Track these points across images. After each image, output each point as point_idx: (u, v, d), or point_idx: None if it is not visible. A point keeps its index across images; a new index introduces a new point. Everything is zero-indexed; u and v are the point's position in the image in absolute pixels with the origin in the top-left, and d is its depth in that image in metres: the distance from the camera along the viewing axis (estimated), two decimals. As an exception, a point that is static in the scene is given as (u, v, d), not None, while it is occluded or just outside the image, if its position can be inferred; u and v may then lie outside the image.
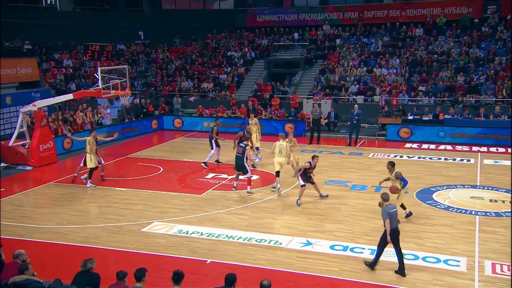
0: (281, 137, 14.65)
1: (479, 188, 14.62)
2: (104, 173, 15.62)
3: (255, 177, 15.45)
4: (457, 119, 21.63)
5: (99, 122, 23.01)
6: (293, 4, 34.27)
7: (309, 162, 13.06)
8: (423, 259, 9.80)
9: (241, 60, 31.25)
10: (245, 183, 14.38)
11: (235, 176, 14.72)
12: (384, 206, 9.28)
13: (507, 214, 12.19)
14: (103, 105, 24.01)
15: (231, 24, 34.24)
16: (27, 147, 17.85)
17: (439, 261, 9.72)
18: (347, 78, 27.16)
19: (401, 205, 11.69)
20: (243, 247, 10.50)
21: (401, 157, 18.59)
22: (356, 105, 21.32)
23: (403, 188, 11.45)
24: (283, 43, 31.14)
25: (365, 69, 27.50)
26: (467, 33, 27.51)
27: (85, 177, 15.14)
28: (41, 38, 30.91)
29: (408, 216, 11.85)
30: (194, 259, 9.93)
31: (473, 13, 28.48)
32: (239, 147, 14.43)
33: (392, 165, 11.73)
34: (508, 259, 9.54)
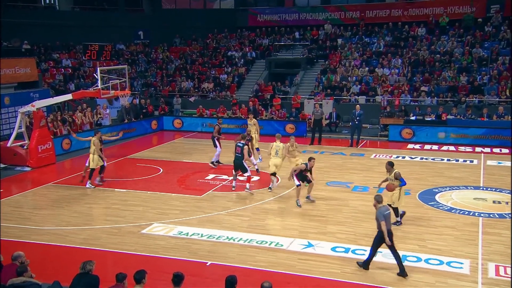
0: (278, 138, 14.75)
1: (482, 189, 14.61)
2: (103, 175, 15.61)
3: (255, 178, 15.46)
4: (460, 120, 21.62)
5: (99, 122, 23.02)
6: (294, 3, 34.26)
7: (305, 163, 13.03)
8: (426, 261, 9.79)
9: (242, 60, 31.25)
10: (244, 184, 14.46)
11: (233, 176, 14.80)
12: (378, 208, 9.30)
13: (510, 215, 12.17)
14: (103, 105, 24.03)
15: (231, 23, 34.25)
16: (25, 147, 17.86)
17: (442, 263, 9.71)
18: (349, 78, 27.16)
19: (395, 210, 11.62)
20: (243, 249, 10.50)
21: (403, 158, 18.59)
22: (357, 106, 21.31)
23: (400, 187, 11.39)
24: (284, 43, 31.13)
25: (367, 69, 27.49)
26: (470, 33, 27.47)
27: (99, 179, 15.26)
28: (40, 37, 30.91)
29: (401, 216, 11.75)
30: (194, 261, 9.92)
31: (476, 13, 28.46)
32: (237, 147, 14.52)
33: (391, 165, 11.68)
34: None
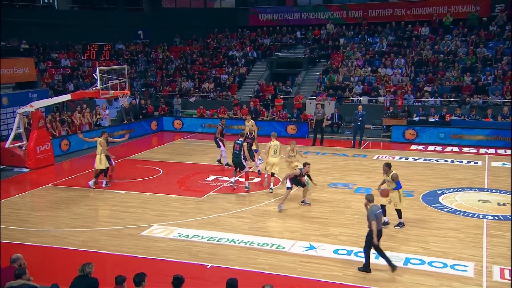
0: (273, 137, 15.05)
1: (487, 191, 14.60)
2: (113, 174, 15.75)
3: (256, 179, 15.46)
4: (464, 120, 21.60)
5: (98, 123, 23.03)
6: (296, 2, 34.31)
7: (300, 169, 13.01)
8: (430, 263, 9.79)
9: (243, 60, 31.26)
10: (243, 185, 14.64)
11: (233, 173, 15.05)
12: (369, 207, 9.38)
13: (510, 217, 12.13)
14: (102, 106, 24.04)
15: (232, 23, 34.26)
16: (24, 148, 17.88)
17: (445, 266, 9.70)
18: (351, 78, 27.15)
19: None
20: (244, 251, 10.50)
21: (407, 159, 18.59)
22: (360, 106, 21.29)
23: (394, 190, 11.35)
24: (285, 43, 31.12)
25: (369, 69, 27.48)
26: (474, 32, 27.46)
27: (105, 182, 15.30)
28: (38, 37, 30.95)
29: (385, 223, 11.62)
30: (194, 263, 9.92)
31: (481, 12, 28.44)
32: (236, 144, 14.78)
33: (388, 166, 11.62)
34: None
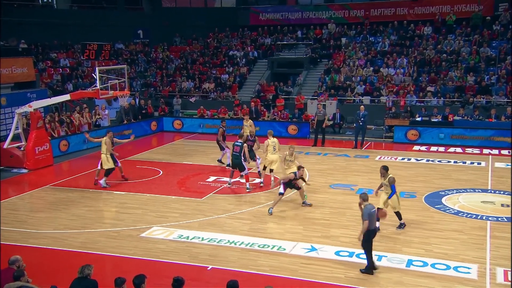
0: (270, 134, 15.28)
1: (490, 192, 14.58)
2: (123, 173, 15.84)
3: (257, 180, 15.47)
4: (467, 121, 21.58)
5: (97, 123, 23.05)
6: (297, 2, 34.33)
7: (294, 173, 12.96)
8: (432, 265, 9.78)
9: (244, 59, 31.27)
10: (243, 186, 14.75)
11: (230, 173, 15.23)
12: (364, 206, 9.42)
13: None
14: (101, 106, 24.06)
15: (233, 22, 34.27)
16: (22, 149, 17.90)
17: (448, 268, 9.69)
18: (353, 78, 27.14)
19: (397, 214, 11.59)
20: (245, 253, 10.50)
21: (409, 160, 18.59)
22: (362, 106, 21.27)
23: (389, 199, 11.32)
24: (286, 42, 31.13)
25: (371, 69, 27.48)
26: (477, 32, 27.44)
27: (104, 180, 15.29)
28: (37, 37, 30.99)
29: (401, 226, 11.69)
30: (194, 265, 9.93)
31: (484, 11, 28.40)
32: (235, 146, 14.86)
33: (385, 169, 11.51)
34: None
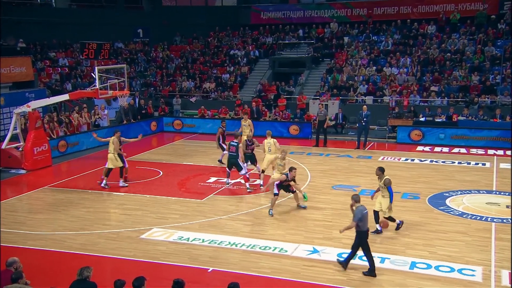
0: (268, 135, 15.48)
1: (495, 193, 14.58)
2: (127, 175, 15.85)
3: (258, 181, 15.48)
4: (471, 121, 21.57)
5: (96, 123, 23.08)
6: (299, 0, 34.31)
7: (286, 174, 12.90)
8: (436, 268, 9.78)
9: (245, 59, 31.28)
10: (243, 187, 14.91)
11: (226, 173, 15.48)
12: (355, 207, 9.49)
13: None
14: (101, 106, 24.08)
15: (234, 21, 34.28)
16: (20, 149, 17.92)
17: (453, 270, 9.69)
18: (356, 77, 27.14)
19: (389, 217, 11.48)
20: (246, 254, 10.50)
21: (412, 160, 18.58)
22: (364, 106, 21.25)
23: (390, 203, 11.19)
24: (288, 41, 31.15)
25: (374, 68, 27.47)
26: (482, 31, 27.42)
27: (105, 183, 15.34)
28: (35, 36, 31.01)
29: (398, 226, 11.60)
30: (195, 267, 9.94)
31: (489, 9, 28.38)
32: (231, 146, 15.05)
33: (381, 171, 11.41)
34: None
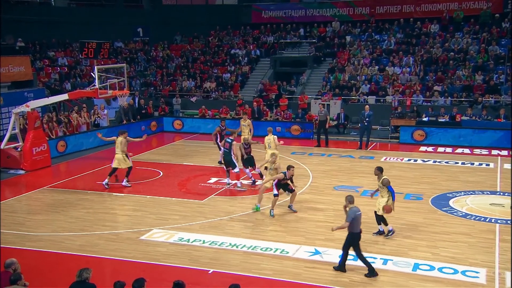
0: (269, 132, 15.96)
1: (499, 194, 14.56)
2: (128, 178, 15.80)
3: (258, 182, 15.47)
4: (475, 121, 21.55)
5: (96, 123, 23.09)
6: (300, -1, 34.34)
7: (284, 172, 12.86)
8: (439, 269, 9.77)
9: (246, 58, 31.29)
10: (244, 189, 15.02)
11: (226, 173, 15.65)
12: (349, 208, 9.56)
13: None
14: (100, 105, 24.10)
15: (235, 20, 34.30)
16: (19, 150, 17.94)
17: (456, 272, 9.68)
18: (358, 77, 27.14)
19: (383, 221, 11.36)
20: (247, 256, 10.50)
21: (415, 161, 18.57)
22: (367, 106, 21.25)
23: (393, 201, 11.08)
24: (290, 41, 31.16)
25: (376, 67, 27.47)
26: (486, 30, 27.40)
27: (106, 183, 15.42)
28: (34, 35, 31.03)
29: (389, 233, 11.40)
30: (195, 268, 9.93)
31: (493, 8, 28.35)
32: (226, 143, 15.37)
33: (380, 170, 11.35)
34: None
